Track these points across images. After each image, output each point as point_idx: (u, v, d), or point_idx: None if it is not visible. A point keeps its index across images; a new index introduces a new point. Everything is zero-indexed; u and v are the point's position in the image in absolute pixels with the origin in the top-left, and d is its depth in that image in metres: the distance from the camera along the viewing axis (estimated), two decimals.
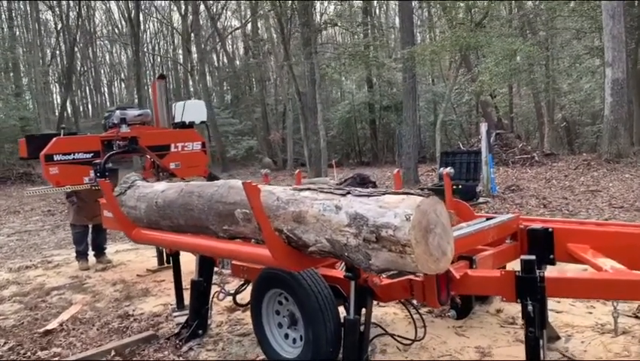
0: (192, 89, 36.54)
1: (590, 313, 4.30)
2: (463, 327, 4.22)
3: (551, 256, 3.65)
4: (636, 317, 4.15)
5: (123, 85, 51.16)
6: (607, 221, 3.71)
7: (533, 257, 2.86)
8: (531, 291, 2.82)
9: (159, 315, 5.19)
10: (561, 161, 15.69)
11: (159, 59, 50.56)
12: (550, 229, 3.64)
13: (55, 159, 6.03)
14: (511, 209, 9.44)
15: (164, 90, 7.09)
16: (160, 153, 6.86)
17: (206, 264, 4.45)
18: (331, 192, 2.84)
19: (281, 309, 3.74)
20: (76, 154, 6.16)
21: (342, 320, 3.33)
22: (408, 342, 3.70)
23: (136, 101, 33.27)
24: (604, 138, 14.24)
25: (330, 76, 23.93)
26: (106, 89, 58.92)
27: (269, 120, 32.64)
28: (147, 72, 50.29)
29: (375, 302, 3.55)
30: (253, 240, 3.46)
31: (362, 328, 3.34)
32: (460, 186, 10.30)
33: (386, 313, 4.65)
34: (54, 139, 6.10)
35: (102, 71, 56.41)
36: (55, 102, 47.20)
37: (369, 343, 3.42)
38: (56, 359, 4.28)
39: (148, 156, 7.00)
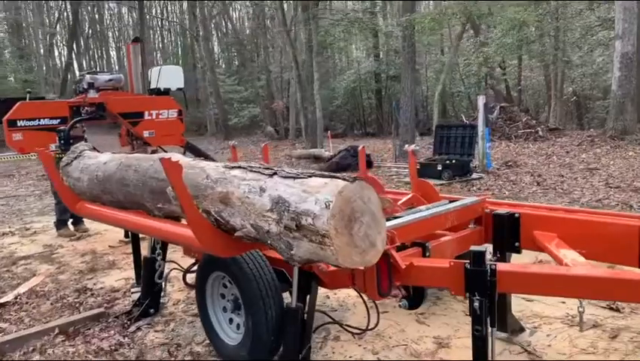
0: (197, 55, 35.91)
1: (563, 302, 4.03)
2: (426, 314, 3.99)
3: (516, 244, 3.36)
4: (610, 309, 3.88)
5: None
6: (577, 208, 3.40)
7: (483, 248, 2.58)
8: (479, 285, 2.55)
9: (117, 290, 5.01)
10: (565, 136, 15.23)
11: (166, 24, 49.81)
12: (517, 215, 3.34)
13: (19, 124, 5.78)
14: (504, 186, 9.12)
15: (139, 54, 6.76)
16: (132, 120, 6.58)
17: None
18: (259, 172, 2.56)
19: (226, 292, 3.51)
20: (41, 120, 5.91)
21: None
22: (359, 331, 3.47)
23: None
24: (610, 114, 13.75)
25: (334, 44, 23.36)
26: (115, 53, 58.32)
27: (273, 88, 32.13)
28: (157, 37, 49.71)
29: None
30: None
31: (306, 316, 3.15)
32: (454, 161, 9.99)
33: (349, 295, 4.41)
34: (18, 104, 5.85)
35: (111, 35, 55.67)
36: (61, 66, 46.86)
37: (312, 332, 3.18)
38: None
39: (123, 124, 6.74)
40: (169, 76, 6.93)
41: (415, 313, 3.96)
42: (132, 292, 4.81)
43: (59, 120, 5.99)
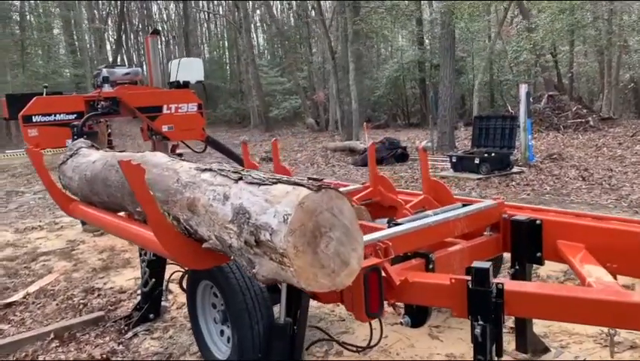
0: (240, 48, 35.98)
1: None
2: (440, 328, 3.63)
3: (538, 254, 2.95)
4: None
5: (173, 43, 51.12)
6: (609, 215, 2.95)
7: (487, 265, 2.21)
8: (482, 308, 2.20)
9: (124, 291, 4.86)
10: (619, 126, 14.28)
11: (211, 17, 50.21)
12: (538, 221, 2.93)
13: (34, 120, 5.73)
14: (546, 181, 8.52)
15: (157, 47, 6.60)
16: (150, 114, 6.43)
17: None
18: (227, 176, 2.27)
19: (217, 302, 3.26)
20: (57, 115, 5.83)
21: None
22: (356, 349, 3.15)
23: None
24: None
25: (376, 32, 22.76)
26: (163, 47, 59.16)
27: (315, 80, 31.82)
28: (204, 30, 50.14)
29: None
30: None
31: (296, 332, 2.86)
32: (493, 154, 9.44)
33: None
34: (34, 99, 5.78)
35: (161, 29, 56.29)
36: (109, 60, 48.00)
37: (302, 350, 2.88)
38: None
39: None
40: (189, 68, 6.74)
41: (428, 327, 3.60)
42: (138, 294, 4.64)
43: (75, 115, 5.90)
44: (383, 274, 2.43)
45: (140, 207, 2.92)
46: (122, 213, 3.36)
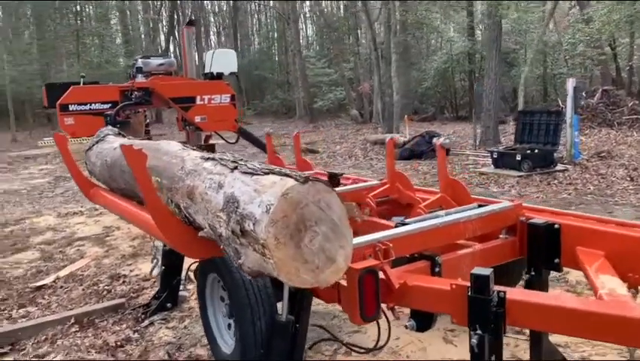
0: (288, 39, 36.10)
1: None
2: (456, 331, 3.51)
3: (556, 261, 2.79)
4: None
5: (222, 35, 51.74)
6: (636, 222, 2.75)
7: (488, 271, 2.10)
8: (481, 317, 2.09)
9: (148, 279, 4.93)
10: None
11: (261, 8, 50.53)
12: (557, 225, 2.76)
13: (70, 108, 5.89)
14: (590, 180, 8.12)
15: (193, 38, 6.65)
16: (184, 105, 6.50)
17: None
18: (226, 165, 2.26)
19: (225, 296, 3.25)
20: (92, 104, 5.97)
21: None
22: (362, 351, 3.08)
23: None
24: None
25: (425, 23, 22.29)
26: (215, 38, 60.02)
27: (362, 70, 31.53)
28: (254, 21, 50.55)
29: None
30: None
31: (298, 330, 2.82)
32: (536, 151, 9.09)
33: None
34: (70, 88, 5.94)
35: (212, 20, 57.07)
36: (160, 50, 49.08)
37: (303, 349, 2.83)
38: (17, 323, 4.14)
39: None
40: (222, 60, 6.77)
41: (443, 330, 3.49)
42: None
43: (109, 105, 6.02)
44: (382, 276, 2.35)
45: (161, 195, 2.95)
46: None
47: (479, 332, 2.09)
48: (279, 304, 2.92)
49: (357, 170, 10.92)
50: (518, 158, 8.97)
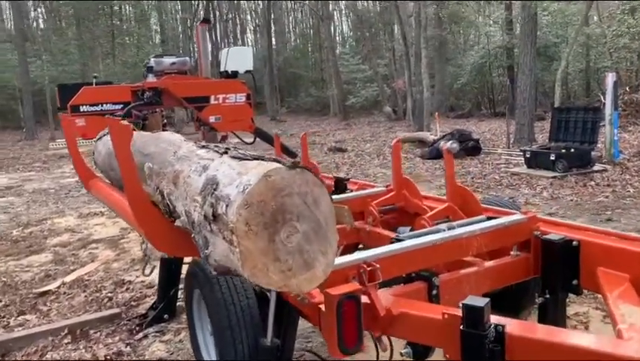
0: (322, 35, 35.85)
1: None
2: None
3: (574, 282, 2.45)
4: None
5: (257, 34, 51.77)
6: None
7: (483, 302, 1.81)
8: (475, 355, 1.80)
9: (152, 286, 4.75)
10: None
11: (297, 5, 50.37)
12: (575, 242, 2.43)
13: (81, 109, 5.78)
14: (631, 182, 7.57)
15: (207, 35, 6.48)
16: (198, 105, 6.33)
17: None
18: (215, 151, 2.07)
19: None
20: (104, 105, 5.86)
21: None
22: None
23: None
24: None
25: (461, 17, 21.66)
26: (251, 36, 60.06)
27: (397, 67, 31.01)
28: (290, 18, 50.45)
29: None
30: None
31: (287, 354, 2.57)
32: (572, 150, 8.57)
33: None
34: (82, 89, 5.84)
35: (249, 18, 57.07)
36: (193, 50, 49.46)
37: None
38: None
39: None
40: (237, 58, 6.58)
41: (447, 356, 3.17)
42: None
43: (121, 105, 5.90)
44: (367, 300, 2.08)
45: (143, 182, 2.76)
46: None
47: None
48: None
49: (384, 170, 10.57)
50: (552, 157, 8.47)
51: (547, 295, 2.50)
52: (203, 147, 2.27)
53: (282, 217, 1.55)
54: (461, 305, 1.82)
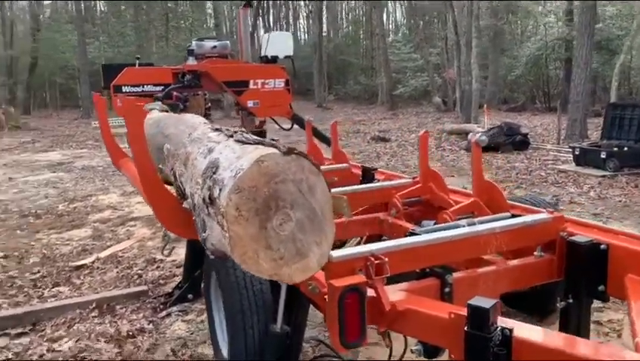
0: (374, 22, 35.40)
1: None
2: None
3: (601, 288, 2.31)
4: None
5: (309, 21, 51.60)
6: None
7: (488, 303, 1.72)
8: (479, 357, 1.73)
9: (182, 266, 4.84)
10: None
11: None
12: (604, 246, 2.28)
13: (124, 90, 5.87)
14: None
15: (249, 19, 6.47)
16: (236, 89, 6.33)
17: None
18: (225, 134, 2.06)
19: None
20: (145, 86, 5.93)
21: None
22: None
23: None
24: None
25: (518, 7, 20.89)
26: (304, 22, 59.98)
27: (449, 56, 30.31)
28: (344, 4, 50.07)
29: None
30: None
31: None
32: (625, 148, 8.16)
33: None
34: (124, 69, 5.94)
35: (302, 5, 56.99)
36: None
37: None
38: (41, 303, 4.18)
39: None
40: (278, 43, 6.52)
41: None
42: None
43: (162, 87, 5.97)
44: (373, 294, 2.02)
45: (162, 162, 2.79)
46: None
47: None
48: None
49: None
50: (603, 155, 8.08)
51: (570, 300, 2.38)
52: (216, 129, 2.25)
53: (275, 204, 1.51)
54: (467, 305, 1.74)
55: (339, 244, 3.22)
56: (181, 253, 5.18)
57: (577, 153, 8.66)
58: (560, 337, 1.79)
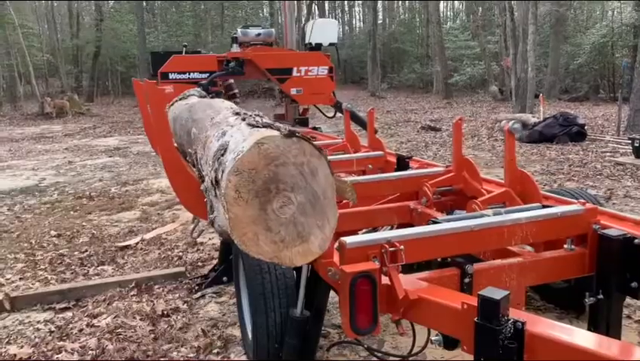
0: (430, 9, 34.64)
1: None
2: None
3: (634, 284, 2.19)
4: None
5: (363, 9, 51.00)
6: None
7: (500, 294, 1.68)
8: (490, 350, 1.69)
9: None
10: None
11: None
12: (638, 240, 2.16)
13: (170, 77, 6.03)
14: None
15: (294, 7, 6.48)
16: (280, 76, 6.38)
17: None
18: (240, 117, 2.09)
19: None
20: (191, 73, 6.07)
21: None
22: (395, 359, 2.73)
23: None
24: None
25: None
26: (360, 10, 59.34)
27: (505, 44, 29.32)
28: None
29: None
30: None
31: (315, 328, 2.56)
32: None
33: None
34: (171, 57, 6.09)
35: None
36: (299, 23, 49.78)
37: (316, 349, 2.58)
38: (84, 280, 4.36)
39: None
40: (322, 30, 6.51)
41: None
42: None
43: (208, 74, 6.08)
44: (387, 282, 2.00)
45: (190, 146, 2.87)
46: None
47: None
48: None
49: (476, 152, 10.13)
50: None
51: (600, 296, 2.27)
52: (236, 113, 2.28)
53: (276, 187, 1.52)
54: (478, 295, 1.69)
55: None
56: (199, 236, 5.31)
57: (636, 144, 8.22)
58: (579, 334, 1.71)
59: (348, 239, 2.02)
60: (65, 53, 32.80)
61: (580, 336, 1.67)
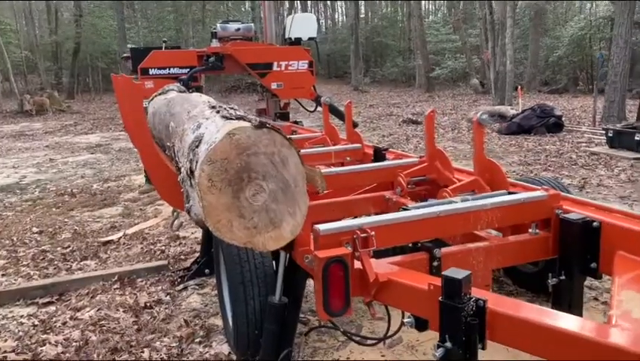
0: (411, 3, 34.79)
1: None
2: None
3: (593, 265, 2.31)
4: None
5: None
6: None
7: (461, 274, 1.78)
8: (451, 327, 1.79)
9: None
10: None
11: None
12: (596, 223, 2.28)
13: (150, 72, 6.06)
14: None
15: (273, 7, 6.54)
16: (260, 71, 6.44)
17: None
18: (215, 110, 2.16)
19: None
20: (171, 69, 6.10)
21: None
22: (372, 342, 2.83)
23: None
24: None
25: None
26: (342, 3, 59.27)
27: (485, 37, 29.59)
28: None
29: None
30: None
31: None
32: None
33: None
34: (151, 52, 6.12)
35: None
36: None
37: (294, 334, 2.66)
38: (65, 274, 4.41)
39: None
40: (302, 25, 6.58)
41: None
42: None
43: (188, 69, 6.12)
44: (359, 266, 2.09)
45: (168, 140, 2.92)
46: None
47: (447, 344, 1.79)
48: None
49: (456, 144, 10.29)
50: (637, 138, 7.84)
51: (562, 277, 2.39)
52: (212, 107, 2.34)
53: (248, 176, 1.59)
54: (442, 275, 1.79)
55: None
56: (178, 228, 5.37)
57: (610, 134, 8.43)
58: (537, 310, 1.81)
59: (322, 226, 2.10)
60: (44, 50, 32.41)
61: (541, 313, 1.78)
